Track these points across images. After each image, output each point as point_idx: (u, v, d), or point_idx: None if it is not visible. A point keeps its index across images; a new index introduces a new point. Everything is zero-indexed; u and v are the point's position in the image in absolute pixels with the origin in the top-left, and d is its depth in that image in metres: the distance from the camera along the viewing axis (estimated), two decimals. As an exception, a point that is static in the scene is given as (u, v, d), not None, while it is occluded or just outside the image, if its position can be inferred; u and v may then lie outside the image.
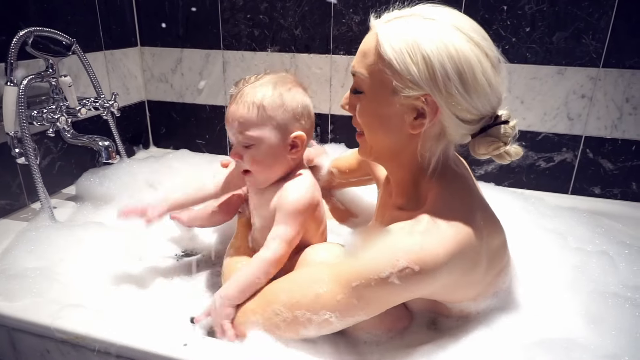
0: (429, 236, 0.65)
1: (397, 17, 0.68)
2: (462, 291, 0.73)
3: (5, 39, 1.07)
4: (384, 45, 0.66)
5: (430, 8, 0.68)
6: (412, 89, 0.65)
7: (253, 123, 0.79)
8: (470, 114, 0.66)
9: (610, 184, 1.34)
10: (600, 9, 1.19)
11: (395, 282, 0.63)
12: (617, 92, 1.25)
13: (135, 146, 1.68)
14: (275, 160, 0.83)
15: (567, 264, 0.90)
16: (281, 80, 0.83)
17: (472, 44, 0.64)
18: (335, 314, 0.68)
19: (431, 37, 0.64)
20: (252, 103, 0.79)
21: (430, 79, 0.64)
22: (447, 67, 0.63)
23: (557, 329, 0.75)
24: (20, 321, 0.80)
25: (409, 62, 0.64)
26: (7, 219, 1.15)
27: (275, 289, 0.75)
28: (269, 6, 1.44)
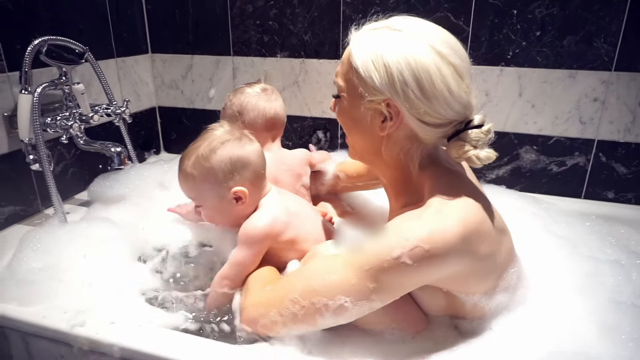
0: (435, 219, 0.68)
1: (370, 30, 0.75)
2: (474, 280, 0.74)
3: (20, 48, 1.09)
4: (354, 55, 0.73)
5: (401, 20, 0.75)
6: (374, 95, 0.72)
7: (191, 192, 0.91)
8: (433, 117, 0.71)
9: (624, 188, 1.32)
10: (611, 12, 1.18)
11: (407, 262, 0.66)
12: (630, 95, 1.24)
13: (146, 152, 1.69)
14: (224, 213, 0.91)
15: (579, 271, 0.89)
16: (206, 139, 0.91)
17: (433, 53, 0.70)
18: (350, 298, 0.69)
19: (393, 48, 0.70)
20: (185, 175, 0.89)
21: (389, 85, 0.70)
22: (405, 74, 0.69)
23: (569, 339, 0.74)
24: (34, 326, 0.81)
25: (372, 69, 0.71)
26: (22, 225, 1.17)
27: (291, 280, 0.77)
28: (278, 12, 1.45)
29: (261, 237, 0.86)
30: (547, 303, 0.80)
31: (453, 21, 1.30)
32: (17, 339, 0.84)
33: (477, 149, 0.72)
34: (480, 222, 0.70)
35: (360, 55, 0.72)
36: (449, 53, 0.70)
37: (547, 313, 0.78)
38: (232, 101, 1.09)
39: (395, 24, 0.73)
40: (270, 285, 0.80)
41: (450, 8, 1.29)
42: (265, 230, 0.87)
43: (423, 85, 0.69)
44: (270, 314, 0.74)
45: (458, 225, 0.67)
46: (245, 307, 0.79)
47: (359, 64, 0.72)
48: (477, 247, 0.69)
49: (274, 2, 1.44)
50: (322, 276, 0.72)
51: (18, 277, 0.89)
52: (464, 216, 0.69)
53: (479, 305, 0.75)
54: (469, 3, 1.27)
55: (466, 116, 0.73)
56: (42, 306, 0.83)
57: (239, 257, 0.86)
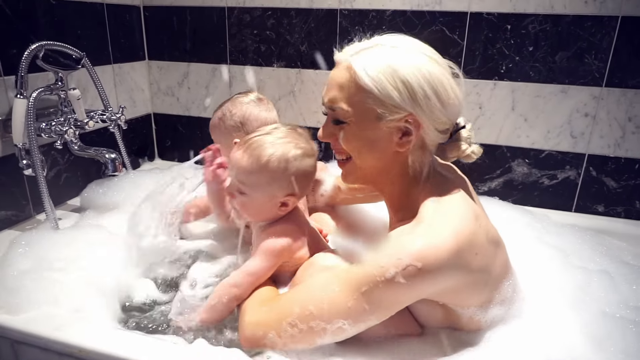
0: (428, 235, 0.69)
1: (363, 49, 0.73)
2: (469, 293, 0.74)
3: (16, 52, 1.09)
4: (362, 76, 0.71)
5: (390, 37, 0.75)
6: (396, 112, 0.71)
7: (249, 176, 0.84)
8: (445, 124, 0.74)
9: (614, 202, 1.34)
10: (602, 29, 1.21)
11: (401, 281, 0.66)
12: (620, 111, 1.26)
13: (140, 158, 1.69)
14: (260, 209, 0.87)
15: (571, 282, 0.90)
16: (294, 139, 0.85)
17: (436, 64, 0.72)
18: (348, 321, 0.70)
19: (404, 62, 0.70)
20: (259, 159, 0.82)
21: (411, 100, 0.70)
22: (424, 87, 0.70)
23: (560, 350, 0.74)
24: (23, 334, 0.80)
25: (390, 88, 0.70)
26: (13, 230, 1.16)
27: (288, 302, 0.76)
28: (275, 22, 1.46)
29: (284, 251, 0.85)
30: (540, 315, 0.81)
31: (448, 35, 1.32)
32: (6, 347, 0.83)
33: (470, 146, 0.78)
34: (473, 234, 0.70)
35: (371, 75, 0.70)
36: (442, 61, 0.74)
37: (539, 325, 0.79)
38: (233, 112, 1.07)
39: (386, 41, 0.74)
40: (267, 306, 0.78)
41: (445, 22, 1.31)
42: (286, 247, 0.85)
43: (440, 95, 0.71)
44: (270, 335, 0.74)
45: (450, 240, 0.67)
46: (243, 326, 0.78)
47: (372, 84, 0.70)
48: (470, 260, 0.70)
49: (271, 12, 1.46)
50: (318, 299, 0.72)
51: (7, 283, 0.88)
52: (456, 229, 0.69)
53: (475, 318, 0.76)
54: (463, 17, 1.29)
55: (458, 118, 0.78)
56: (31, 313, 0.82)
57: (256, 267, 0.84)
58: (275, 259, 0.85)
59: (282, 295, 0.79)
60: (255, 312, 0.79)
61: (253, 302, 0.82)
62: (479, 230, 0.72)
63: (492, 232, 0.77)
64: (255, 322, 0.77)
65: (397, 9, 1.34)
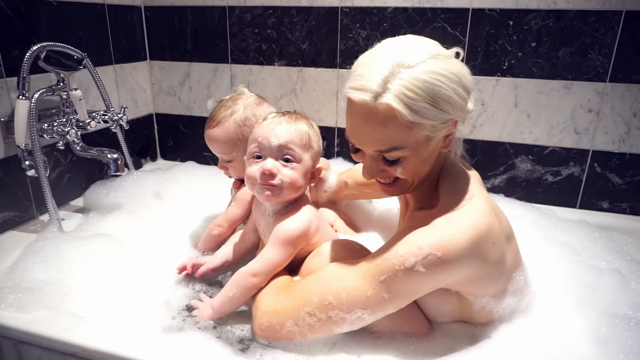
0: (447, 226, 0.70)
1: (386, 81, 0.67)
2: (485, 282, 0.75)
3: (18, 54, 1.09)
4: (407, 113, 0.67)
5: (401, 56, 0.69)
6: (444, 126, 0.71)
7: (301, 148, 0.85)
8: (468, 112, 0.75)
9: (619, 199, 1.33)
10: (606, 24, 1.20)
11: (420, 270, 0.68)
12: (625, 106, 1.25)
13: (142, 158, 1.69)
14: (302, 184, 0.86)
15: (580, 280, 0.90)
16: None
17: (452, 61, 0.71)
18: (367, 310, 0.72)
19: (435, 78, 0.67)
20: (302, 130, 0.86)
21: (453, 108, 0.70)
22: (458, 91, 0.70)
23: (567, 350, 0.74)
24: (27, 333, 0.80)
25: (436, 112, 0.68)
26: (16, 231, 1.16)
27: (306, 291, 0.76)
28: (276, 21, 1.46)
29: (301, 237, 0.85)
30: (549, 312, 0.81)
31: (450, 32, 1.31)
32: (9, 347, 0.83)
33: None
34: (490, 225, 0.72)
35: (416, 109, 0.67)
36: (449, 51, 0.73)
37: (548, 322, 0.79)
38: (258, 114, 1.00)
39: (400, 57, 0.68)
40: (284, 294, 0.78)
41: (447, 19, 1.30)
42: (305, 231, 0.85)
43: (468, 88, 0.72)
44: (287, 324, 0.74)
45: (469, 231, 0.69)
46: (259, 315, 0.78)
47: (420, 117, 0.68)
48: (488, 250, 0.71)
49: (272, 11, 1.45)
50: (337, 289, 0.72)
51: (12, 285, 0.88)
52: (475, 221, 0.71)
53: (487, 308, 0.77)
54: (465, 14, 1.28)
55: None
56: (36, 314, 0.82)
57: (275, 255, 0.83)
58: (294, 246, 0.84)
59: (299, 284, 0.79)
60: (272, 300, 0.79)
61: (269, 290, 0.81)
62: (495, 221, 0.74)
63: (504, 222, 0.79)
64: (272, 311, 0.77)
65: (398, 6, 1.33)
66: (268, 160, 0.84)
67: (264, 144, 0.84)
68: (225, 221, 1.07)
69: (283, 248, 0.83)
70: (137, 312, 0.88)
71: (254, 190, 0.87)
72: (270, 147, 0.83)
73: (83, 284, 0.92)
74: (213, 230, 1.06)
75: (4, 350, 0.84)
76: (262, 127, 0.87)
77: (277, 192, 0.84)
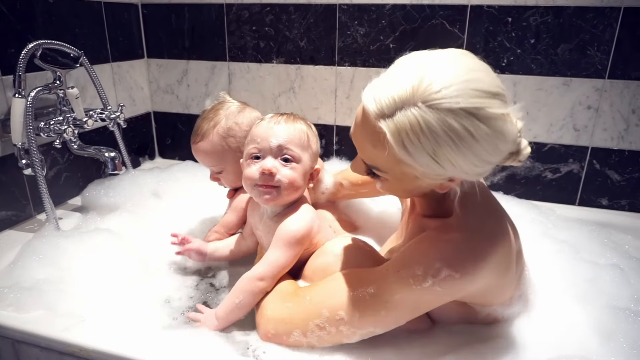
0: (467, 245, 0.67)
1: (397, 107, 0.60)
2: (496, 294, 0.74)
3: (14, 52, 1.09)
4: (400, 152, 0.61)
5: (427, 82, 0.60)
6: (436, 179, 0.65)
7: (299, 148, 0.84)
8: (492, 167, 0.65)
9: (618, 196, 1.33)
10: (604, 20, 1.20)
11: (437, 289, 0.66)
12: (623, 103, 1.25)
13: (140, 157, 1.68)
14: (301, 184, 0.85)
15: (580, 276, 0.90)
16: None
17: (486, 119, 0.59)
18: (380, 326, 0.70)
19: (449, 136, 0.58)
20: (301, 130, 0.85)
21: (455, 169, 0.61)
22: (470, 156, 0.60)
23: (571, 345, 0.74)
24: (24, 333, 0.79)
25: (433, 165, 0.61)
26: (13, 230, 1.15)
27: (315, 303, 0.73)
28: (274, 18, 1.45)
29: (306, 236, 0.83)
30: (549, 308, 0.81)
31: (448, 29, 1.30)
32: (7, 346, 0.83)
33: (519, 154, 0.68)
34: (508, 245, 0.70)
35: (409, 149, 0.61)
36: (485, 90, 0.62)
37: (549, 319, 0.79)
38: (241, 122, 0.99)
39: (426, 88, 0.59)
40: (291, 302, 0.76)
41: (446, 15, 1.30)
42: (309, 229, 0.84)
43: (502, 151, 0.65)
44: (294, 334, 0.73)
45: (489, 251, 0.67)
46: (265, 322, 0.76)
47: (411, 160, 0.63)
48: (502, 268, 0.70)
49: (270, 8, 1.45)
50: (349, 306, 0.70)
51: (12, 283, 0.88)
52: (494, 242, 0.68)
53: (493, 315, 0.76)
54: (464, 10, 1.28)
55: None
56: (34, 313, 0.82)
57: (280, 257, 0.81)
58: (299, 246, 0.82)
59: (307, 292, 0.76)
60: (278, 307, 0.76)
61: (274, 296, 0.79)
62: (510, 236, 0.72)
63: (514, 229, 0.77)
64: (278, 319, 0.75)
65: (396, 2, 1.32)
66: (267, 159, 0.82)
67: (262, 144, 0.83)
68: (223, 228, 1.07)
69: (288, 249, 0.81)
70: (136, 311, 0.88)
71: (252, 193, 0.85)
72: (269, 147, 0.82)
73: (81, 283, 0.92)
74: (210, 237, 1.06)
75: (2, 350, 0.84)
76: (260, 127, 0.85)
77: (276, 194, 0.82)
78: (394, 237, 0.95)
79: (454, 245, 0.67)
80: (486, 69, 0.63)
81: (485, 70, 0.63)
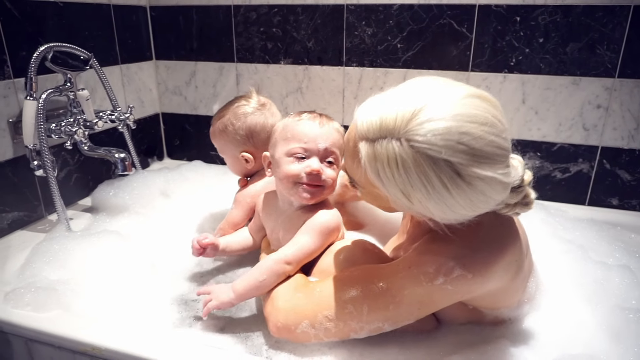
0: (480, 245, 0.67)
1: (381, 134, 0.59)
2: (504, 297, 0.74)
3: (25, 55, 1.10)
4: (373, 177, 0.62)
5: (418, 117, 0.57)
6: (409, 210, 0.64)
7: (340, 147, 0.87)
8: (470, 217, 0.64)
9: (629, 195, 1.32)
10: (614, 19, 1.19)
11: (448, 287, 0.66)
12: (634, 102, 1.24)
13: (149, 158, 1.70)
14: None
15: (589, 277, 0.89)
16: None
17: (468, 177, 0.57)
18: (388, 322, 0.70)
19: (423, 184, 0.57)
20: (340, 132, 0.88)
21: (425, 211, 0.61)
22: (443, 206, 0.59)
23: (578, 344, 0.74)
24: (37, 332, 0.80)
25: (404, 199, 0.61)
26: (25, 230, 1.17)
27: (326, 294, 0.73)
28: (282, 19, 1.46)
29: (336, 229, 0.86)
30: (558, 308, 0.81)
31: (456, 28, 1.30)
32: (19, 345, 0.84)
33: (524, 207, 0.68)
34: (518, 245, 0.70)
35: (382, 178, 0.62)
36: (482, 137, 0.60)
37: (558, 319, 0.79)
38: (237, 125, 1.04)
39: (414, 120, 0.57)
40: (302, 292, 0.76)
41: (453, 15, 1.29)
42: (339, 223, 0.87)
43: (454, 204, 0.63)
44: (303, 324, 0.72)
45: (501, 251, 0.67)
46: (275, 312, 0.76)
47: (383, 187, 0.64)
48: (514, 270, 0.70)
49: (277, 10, 1.45)
50: (358, 300, 0.70)
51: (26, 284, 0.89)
52: (506, 241, 0.68)
53: (500, 318, 0.76)
54: (472, 10, 1.27)
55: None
56: (47, 313, 0.83)
57: (310, 244, 0.82)
58: (329, 237, 0.84)
59: (318, 285, 0.76)
60: (290, 297, 0.76)
61: (287, 287, 0.79)
62: (519, 237, 0.71)
63: (523, 232, 0.76)
64: (289, 308, 0.75)
65: (404, 3, 1.32)
66: (313, 160, 0.84)
67: (310, 145, 0.84)
68: (228, 224, 1.08)
69: (319, 237, 0.83)
70: (146, 310, 0.88)
71: (291, 189, 0.85)
72: (317, 148, 0.84)
73: (92, 283, 0.93)
74: (216, 235, 1.07)
75: (15, 349, 0.85)
76: (303, 126, 0.85)
77: (319, 194, 0.85)
78: (396, 238, 0.96)
79: (469, 245, 0.67)
80: (491, 122, 0.58)
81: (490, 123, 0.58)
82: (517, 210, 0.68)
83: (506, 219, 0.72)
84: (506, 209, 0.67)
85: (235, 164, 1.09)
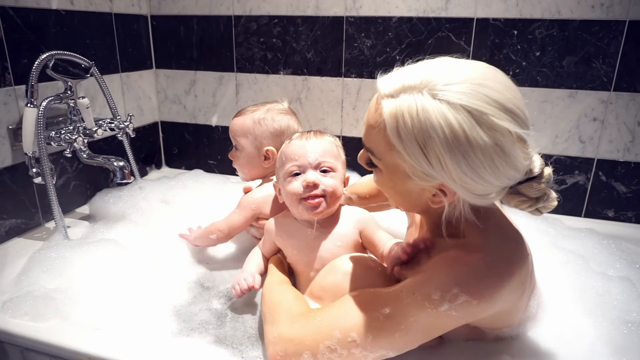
0: (486, 270, 0.65)
1: (403, 90, 0.62)
2: (506, 317, 0.73)
3: (27, 62, 1.10)
4: (392, 134, 0.62)
5: (439, 76, 0.61)
6: (425, 180, 0.64)
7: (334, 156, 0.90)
8: (490, 190, 0.63)
9: (624, 207, 1.33)
10: (609, 33, 1.21)
11: (452, 314, 0.64)
12: (629, 115, 1.25)
13: (147, 166, 1.70)
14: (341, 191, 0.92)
15: (589, 289, 0.89)
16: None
17: (486, 126, 0.58)
18: (393, 349, 0.68)
19: (442, 129, 0.58)
20: (331, 142, 0.91)
21: (443, 172, 0.61)
22: (461, 162, 0.59)
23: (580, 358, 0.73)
24: (33, 341, 0.80)
25: (421, 159, 0.61)
26: (22, 238, 1.16)
27: (327, 324, 0.71)
28: (282, 30, 1.47)
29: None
30: (559, 321, 0.80)
31: (454, 41, 1.32)
32: (16, 354, 0.83)
33: (539, 202, 0.67)
34: (525, 267, 0.68)
35: (402, 135, 0.62)
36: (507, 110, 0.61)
37: (559, 332, 0.78)
38: (276, 119, 1.07)
39: (435, 84, 0.60)
40: (300, 322, 0.73)
41: (452, 28, 1.31)
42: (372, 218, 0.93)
43: (479, 167, 0.63)
44: (304, 356, 0.70)
45: (507, 277, 0.65)
46: (274, 341, 0.73)
47: (402, 147, 0.64)
48: (520, 292, 0.69)
49: (277, 20, 1.46)
50: (362, 328, 0.68)
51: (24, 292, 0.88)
52: (513, 267, 0.66)
53: (500, 336, 0.76)
54: (470, 23, 1.29)
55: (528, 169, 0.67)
56: (45, 322, 0.82)
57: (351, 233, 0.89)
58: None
59: (318, 313, 0.73)
60: (287, 327, 0.73)
61: (283, 315, 0.76)
62: (527, 260, 0.70)
63: (529, 250, 0.74)
64: (287, 339, 0.71)
65: (403, 15, 1.34)
66: (309, 172, 0.86)
67: (301, 160, 0.86)
68: (226, 227, 1.06)
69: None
70: (144, 320, 0.88)
71: (298, 209, 0.86)
72: (308, 162, 0.86)
73: (89, 292, 0.92)
74: (212, 235, 1.07)
75: (11, 358, 0.84)
76: (293, 146, 0.88)
77: (325, 205, 0.86)
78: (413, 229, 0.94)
79: (474, 270, 0.65)
80: (511, 87, 0.62)
81: (509, 87, 0.61)
82: (539, 205, 0.67)
83: (516, 235, 0.70)
84: (528, 202, 0.66)
85: (253, 160, 1.08)
